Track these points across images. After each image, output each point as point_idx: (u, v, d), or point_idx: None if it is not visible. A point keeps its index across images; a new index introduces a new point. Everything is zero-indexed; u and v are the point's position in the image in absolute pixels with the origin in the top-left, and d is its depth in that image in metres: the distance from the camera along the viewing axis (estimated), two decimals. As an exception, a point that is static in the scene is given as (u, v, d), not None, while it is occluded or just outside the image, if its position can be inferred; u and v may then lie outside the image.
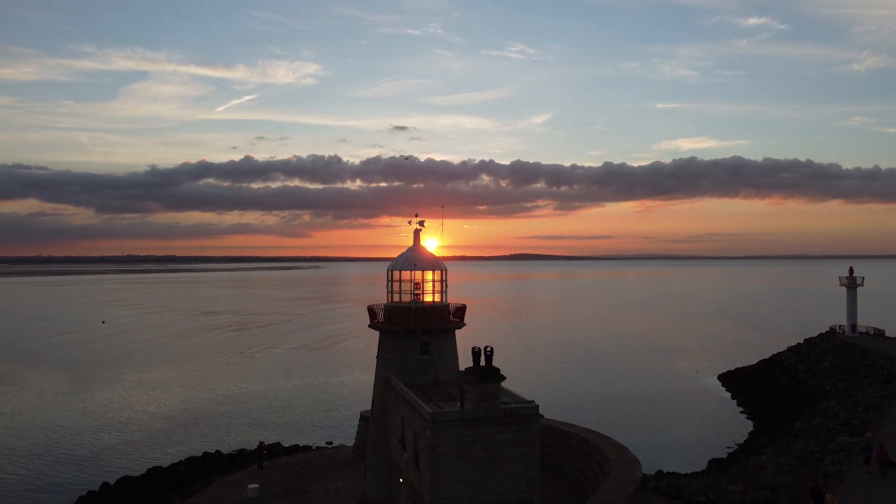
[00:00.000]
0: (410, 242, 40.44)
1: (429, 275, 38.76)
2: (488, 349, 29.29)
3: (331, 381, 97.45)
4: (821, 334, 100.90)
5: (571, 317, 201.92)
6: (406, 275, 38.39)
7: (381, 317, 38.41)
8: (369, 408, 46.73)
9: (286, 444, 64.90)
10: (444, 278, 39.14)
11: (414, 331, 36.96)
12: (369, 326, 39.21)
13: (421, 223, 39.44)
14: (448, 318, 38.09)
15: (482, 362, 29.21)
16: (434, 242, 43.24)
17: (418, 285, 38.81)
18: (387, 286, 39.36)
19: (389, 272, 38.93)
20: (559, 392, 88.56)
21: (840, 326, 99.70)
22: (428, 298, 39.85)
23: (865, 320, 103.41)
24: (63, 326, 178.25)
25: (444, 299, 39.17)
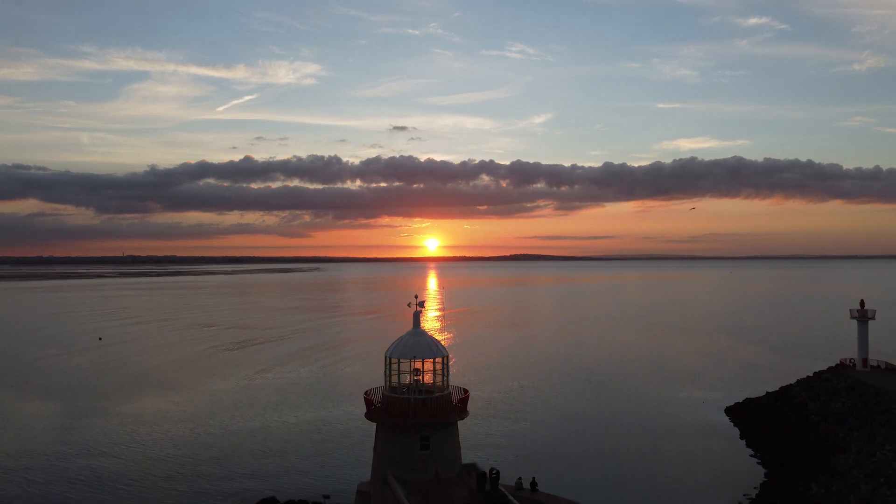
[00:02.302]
0: (410, 242, 38.61)
1: (429, 364, 36.39)
2: (494, 472, 27.01)
3: (327, 416, 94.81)
4: (831, 368, 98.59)
5: (569, 332, 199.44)
6: (405, 363, 36.01)
7: (377, 407, 36.02)
8: (366, 479, 44.40)
9: (282, 500, 62.82)
10: (445, 364, 36.75)
11: (413, 425, 34.60)
12: (366, 417, 36.81)
13: (421, 304, 37.09)
14: (450, 409, 35.69)
15: (487, 486, 26.92)
16: (435, 242, 41.47)
17: (418, 370, 36.47)
18: (384, 371, 36.96)
19: (388, 359, 36.52)
20: (557, 430, 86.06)
21: (850, 360, 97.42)
22: (428, 377, 37.61)
23: (873, 337, 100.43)
24: (59, 343, 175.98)
25: (445, 385, 36.79)
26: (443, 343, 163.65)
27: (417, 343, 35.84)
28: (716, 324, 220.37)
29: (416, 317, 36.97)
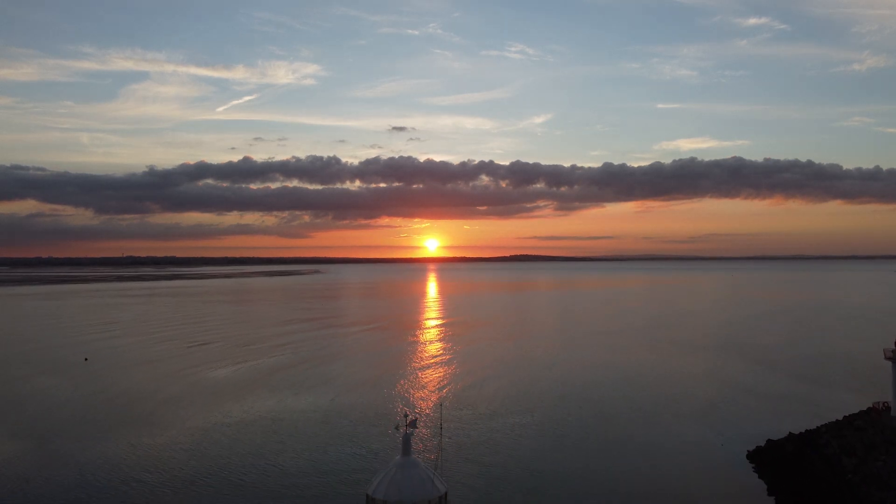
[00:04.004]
0: (410, 243, 31.34)
1: (423, 505, 28.85)
2: None
3: (318, 458, 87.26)
4: (862, 412, 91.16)
5: (569, 352, 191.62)
6: (392, 504, 28.45)
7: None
8: None
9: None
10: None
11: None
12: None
13: (413, 423, 29.63)
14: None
15: None
16: (434, 243, 34.09)
17: (409, 507, 28.95)
18: (367, 509, 29.46)
19: (370, 499, 28.97)
20: (558, 490, 78.51)
21: (883, 403, 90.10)
22: None
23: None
24: (43, 364, 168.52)
25: (443, 527, 29.29)
26: (433, 360, 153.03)
27: (408, 479, 28.39)
28: (723, 340, 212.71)
29: (407, 441, 29.49)
